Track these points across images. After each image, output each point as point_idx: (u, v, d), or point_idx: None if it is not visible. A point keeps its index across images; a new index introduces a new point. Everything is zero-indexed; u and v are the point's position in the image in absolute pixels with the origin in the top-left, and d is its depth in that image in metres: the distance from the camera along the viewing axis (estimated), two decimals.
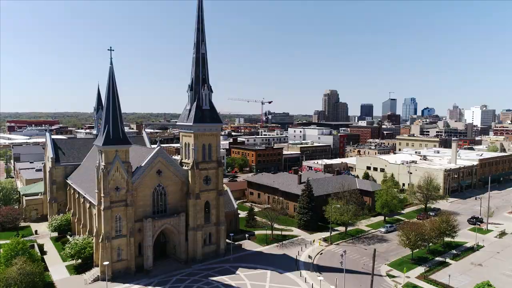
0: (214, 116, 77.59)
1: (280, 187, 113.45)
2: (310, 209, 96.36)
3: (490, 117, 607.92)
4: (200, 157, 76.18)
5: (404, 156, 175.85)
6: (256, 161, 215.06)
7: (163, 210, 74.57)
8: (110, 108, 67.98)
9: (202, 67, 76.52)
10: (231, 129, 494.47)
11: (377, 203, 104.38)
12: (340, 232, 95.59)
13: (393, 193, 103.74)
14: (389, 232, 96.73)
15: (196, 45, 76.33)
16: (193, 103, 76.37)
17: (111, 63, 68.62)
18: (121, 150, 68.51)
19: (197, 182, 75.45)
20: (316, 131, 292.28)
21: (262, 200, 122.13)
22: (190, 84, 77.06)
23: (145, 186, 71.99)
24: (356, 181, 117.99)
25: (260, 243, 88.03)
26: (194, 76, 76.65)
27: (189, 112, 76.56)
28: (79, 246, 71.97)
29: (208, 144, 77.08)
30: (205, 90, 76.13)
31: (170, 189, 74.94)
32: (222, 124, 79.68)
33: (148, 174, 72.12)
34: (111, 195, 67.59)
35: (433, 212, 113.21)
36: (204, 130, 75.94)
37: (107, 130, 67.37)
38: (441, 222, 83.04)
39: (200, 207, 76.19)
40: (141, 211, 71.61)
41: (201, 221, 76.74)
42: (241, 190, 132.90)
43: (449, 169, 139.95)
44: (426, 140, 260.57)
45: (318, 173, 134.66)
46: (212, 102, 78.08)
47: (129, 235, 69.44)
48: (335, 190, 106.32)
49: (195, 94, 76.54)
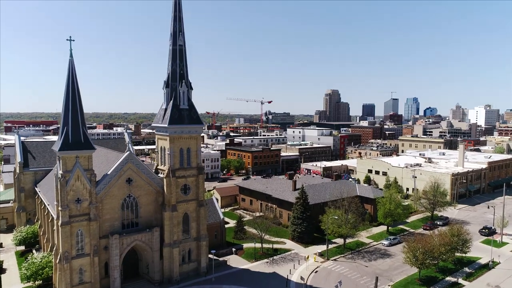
0: (194, 116, 68.25)
1: (273, 193, 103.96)
2: (304, 219, 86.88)
3: (494, 117, 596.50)
4: (177, 163, 66.84)
5: (407, 158, 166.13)
6: (253, 163, 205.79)
7: (134, 224, 65.23)
8: (70, 107, 58.61)
9: (179, 60, 67.17)
10: (229, 129, 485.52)
11: (379, 212, 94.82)
12: (338, 245, 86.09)
13: (397, 200, 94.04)
14: (393, 245, 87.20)
15: (173, 36, 66.95)
16: (169, 102, 67.08)
17: (71, 55, 59.25)
18: (83, 156, 59.14)
19: (174, 191, 66.08)
20: (315, 132, 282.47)
21: (254, 207, 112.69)
22: (165, 80, 67.74)
23: (113, 197, 62.64)
24: (356, 187, 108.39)
25: (248, 258, 78.62)
26: (171, 71, 67.30)
27: (165, 112, 67.28)
28: (36, 266, 62.73)
29: (186, 148, 67.72)
30: (183, 87, 66.80)
31: (142, 200, 65.60)
32: (202, 125, 70.35)
33: (116, 183, 62.76)
34: (70, 208, 58.28)
35: (440, 221, 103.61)
36: (181, 132, 66.61)
37: (65, 133, 58.02)
38: (452, 235, 73.45)
39: (177, 220, 66.84)
40: (107, 225, 62.28)
41: (179, 236, 67.38)
42: (232, 195, 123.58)
43: (456, 173, 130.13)
44: (430, 141, 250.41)
45: (316, 178, 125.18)
46: (191, 100, 68.80)
47: (93, 254, 60.10)
48: (333, 197, 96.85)
49: (172, 92, 67.22)
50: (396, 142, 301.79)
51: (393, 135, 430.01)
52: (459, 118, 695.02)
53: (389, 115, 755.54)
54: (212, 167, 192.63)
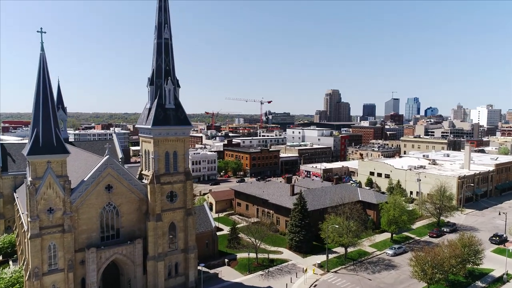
0: (181, 116, 62.30)
1: (270, 198, 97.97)
2: (303, 227, 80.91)
3: (496, 117, 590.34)
4: (163, 168, 60.89)
5: (411, 160, 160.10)
6: (251, 165, 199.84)
7: (115, 235, 59.29)
8: (40, 105, 52.66)
9: (165, 55, 61.22)
10: (229, 129, 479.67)
11: (382, 219, 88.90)
12: (339, 255, 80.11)
13: (402, 206, 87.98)
14: (398, 255, 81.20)
15: (158, 28, 61.02)
16: (153, 101, 61.14)
17: (42, 48, 53.40)
18: (55, 161, 53.18)
19: (159, 199, 60.12)
20: (315, 132, 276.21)
21: (250, 212, 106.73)
22: (150, 77, 61.82)
23: (90, 205, 56.69)
24: (358, 192, 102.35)
25: (241, 270, 72.67)
26: (155, 67, 61.36)
27: (149, 112, 61.32)
28: (5, 283, 56.84)
29: (173, 151, 61.77)
30: (169, 85, 60.85)
31: (124, 208, 59.65)
32: (191, 126, 64.40)
33: (93, 190, 56.78)
34: (41, 219, 52.35)
35: (447, 228, 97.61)
36: (167, 134, 60.68)
37: (35, 135, 52.09)
38: (463, 246, 67.47)
39: (162, 230, 60.86)
40: (84, 237, 56.35)
41: (164, 248, 61.42)
42: (228, 200, 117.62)
43: (463, 176, 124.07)
44: (433, 142, 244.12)
45: (315, 181, 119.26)
46: (178, 99, 62.85)
47: (67, 269, 54.13)
48: (333, 203, 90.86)
49: (157, 90, 61.28)
50: (398, 142, 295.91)
51: (394, 135, 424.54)
52: (460, 118, 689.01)
53: (390, 115, 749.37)
54: (209, 168, 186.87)
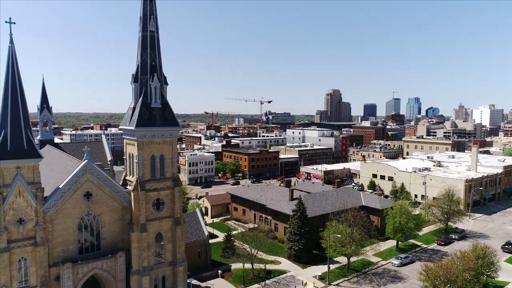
0: (168, 117, 56.85)
1: (268, 203, 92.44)
2: (302, 235, 75.38)
3: (499, 117, 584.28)
4: (148, 173, 55.42)
5: (415, 162, 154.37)
6: (249, 166, 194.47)
7: (95, 248, 53.87)
8: (8, 104, 47.23)
9: (150, 49, 55.80)
10: (228, 130, 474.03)
11: (387, 226, 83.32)
12: (341, 266, 74.58)
13: (408, 213, 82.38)
14: (404, 265, 75.68)
15: (143, 20, 55.58)
16: (138, 100, 55.70)
17: (11, 41, 47.96)
18: (26, 166, 47.77)
19: (143, 207, 54.64)
20: (316, 133, 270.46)
21: (247, 218, 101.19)
22: (134, 74, 56.40)
23: (66, 215, 51.27)
24: (361, 196, 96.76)
25: (236, 283, 67.19)
26: (140, 63, 55.92)
27: (133, 112, 55.92)
28: None
29: (159, 155, 56.29)
30: (155, 82, 55.38)
31: (105, 218, 54.21)
32: (179, 128, 58.92)
33: (70, 198, 51.36)
34: (10, 231, 46.98)
35: (456, 235, 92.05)
36: (152, 136, 55.21)
37: (2, 138, 46.64)
38: (477, 258, 61.97)
39: (148, 241, 55.38)
40: (60, 251, 50.94)
41: (150, 261, 55.95)
42: (224, 204, 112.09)
43: (470, 179, 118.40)
44: (437, 142, 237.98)
45: (316, 184, 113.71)
46: (166, 98, 57.40)
47: (40, 286, 48.80)
48: (335, 208, 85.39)
49: (141, 87, 55.81)
50: (400, 143, 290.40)
51: (395, 135, 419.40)
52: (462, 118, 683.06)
53: (391, 115, 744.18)
54: (206, 170, 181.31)
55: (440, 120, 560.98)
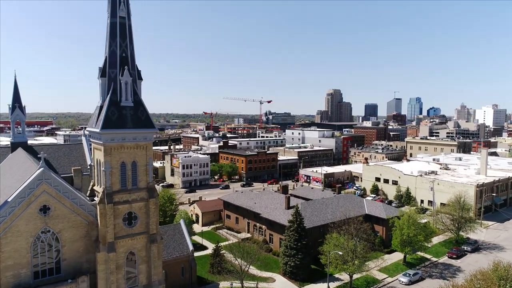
0: (142, 117, 48.84)
1: (263, 212, 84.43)
2: (299, 249, 67.35)
3: (502, 117, 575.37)
4: (117, 183, 47.40)
5: (420, 164, 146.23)
6: (247, 168, 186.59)
7: (54, 271, 45.91)
8: None
9: (121, 38, 47.77)
10: (227, 130, 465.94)
11: (394, 239, 75.19)
12: (343, 284, 66.47)
13: (418, 223, 74.23)
14: (414, 283, 67.64)
15: (111, 4, 47.48)
16: (106, 97, 47.74)
17: None
18: None
19: (111, 223, 46.64)
20: (316, 134, 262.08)
21: (240, 226, 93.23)
22: (101, 67, 48.42)
23: (18, 233, 43.31)
24: (364, 204, 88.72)
25: None
26: (109, 54, 47.89)
27: (99, 112, 47.96)
28: None
29: (131, 162, 48.27)
30: (126, 76, 47.34)
31: (66, 235, 46.22)
32: (154, 129, 50.96)
33: (22, 213, 43.40)
34: None
35: (468, 246, 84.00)
36: (122, 140, 47.18)
37: None
38: (499, 279, 53.97)
39: (117, 263, 47.34)
40: (10, 276, 42.98)
41: (120, 285, 47.91)
42: (216, 211, 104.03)
43: (481, 183, 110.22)
44: (442, 143, 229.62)
45: (315, 190, 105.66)
46: (139, 95, 49.37)
47: None
48: (336, 217, 77.75)
49: (110, 83, 47.80)
50: (403, 144, 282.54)
51: (397, 136, 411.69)
52: (464, 118, 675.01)
53: (392, 115, 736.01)
54: (201, 173, 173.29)
55: (442, 120, 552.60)
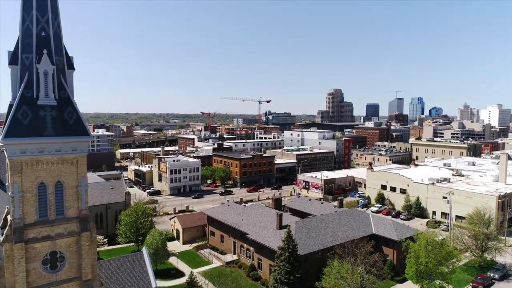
0: (70, 120, 35.28)
1: (250, 232, 70.87)
2: (291, 284, 53.97)
3: (507, 117, 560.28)
4: (33, 212, 33.91)
5: (430, 170, 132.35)
6: (241, 173, 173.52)
7: None
8: None
9: (38, 11, 34.26)
10: (225, 131, 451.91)
11: (408, 267, 61.29)
12: None
13: (439, 250, 59.81)
14: None
15: None
16: (17, 93, 34.30)
17: None
18: None
19: (21, 269, 33.17)
20: (316, 135, 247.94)
21: (225, 246, 79.77)
22: (13, 51, 35.03)
23: None
24: (371, 221, 75.01)
25: None
26: (22, 34, 34.47)
27: (7, 114, 34.53)
28: None
29: (54, 182, 34.73)
30: (45, 63, 33.78)
31: None
32: (88, 137, 37.49)
33: None
34: None
35: (496, 273, 70.30)
36: (39, 152, 33.66)
37: None
38: None
39: None
40: None
41: None
42: (200, 226, 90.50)
43: (504, 194, 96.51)
44: (450, 146, 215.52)
45: (313, 202, 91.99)
46: (67, 91, 35.81)
47: None
48: (337, 239, 64.34)
49: (23, 72, 34.40)
50: (406, 145, 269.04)
51: (400, 136, 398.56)
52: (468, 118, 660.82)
53: (394, 115, 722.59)
54: (191, 178, 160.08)
55: (445, 121, 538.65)
